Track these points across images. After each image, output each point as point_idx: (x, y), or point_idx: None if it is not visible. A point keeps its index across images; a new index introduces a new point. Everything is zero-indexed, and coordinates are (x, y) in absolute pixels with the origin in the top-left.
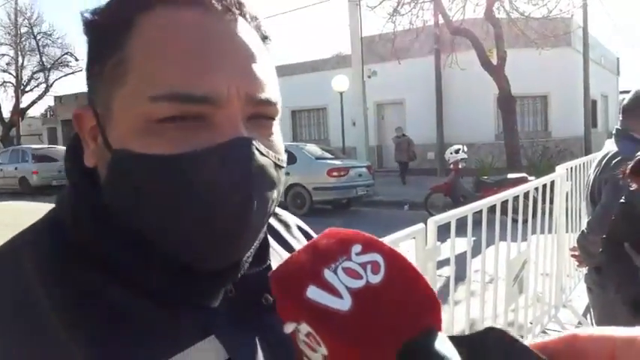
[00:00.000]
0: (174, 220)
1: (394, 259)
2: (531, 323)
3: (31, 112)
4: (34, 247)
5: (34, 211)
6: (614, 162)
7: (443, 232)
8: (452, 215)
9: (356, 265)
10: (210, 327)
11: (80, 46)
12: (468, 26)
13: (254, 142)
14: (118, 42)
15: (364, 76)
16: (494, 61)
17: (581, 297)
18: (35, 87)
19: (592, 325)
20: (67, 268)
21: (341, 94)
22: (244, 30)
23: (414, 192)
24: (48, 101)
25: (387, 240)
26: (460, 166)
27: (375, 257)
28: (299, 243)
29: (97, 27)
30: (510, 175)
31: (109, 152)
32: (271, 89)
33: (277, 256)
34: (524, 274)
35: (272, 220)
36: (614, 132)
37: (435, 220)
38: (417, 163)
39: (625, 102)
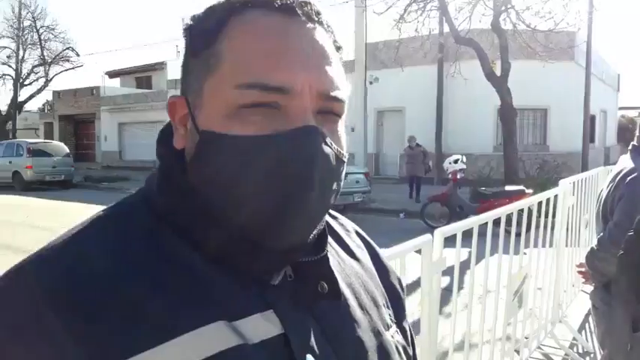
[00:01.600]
0: (249, 193)
1: None
2: (527, 338)
3: (28, 107)
4: (129, 216)
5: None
6: (629, 179)
7: (446, 242)
8: (458, 227)
9: None
10: (272, 302)
11: (81, 41)
12: (473, 36)
13: (321, 132)
14: (211, 39)
15: (366, 82)
16: (498, 72)
17: (577, 312)
18: (34, 81)
19: (591, 342)
20: (156, 235)
21: None
22: (321, 36)
23: (411, 200)
24: (46, 95)
25: (394, 251)
26: (459, 176)
27: None
28: (358, 247)
29: (193, 29)
30: (508, 188)
31: (197, 133)
32: (340, 89)
33: (336, 255)
34: (524, 289)
35: (332, 222)
36: (630, 148)
37: (442, 232)
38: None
39: None
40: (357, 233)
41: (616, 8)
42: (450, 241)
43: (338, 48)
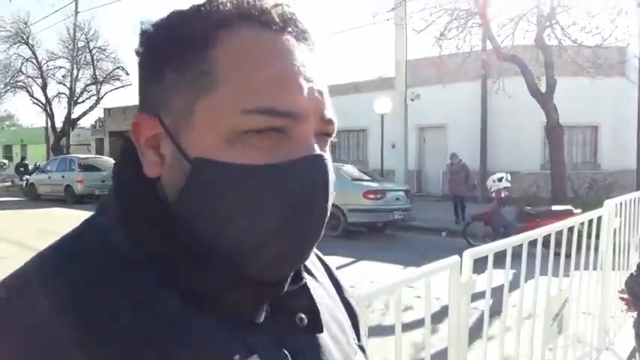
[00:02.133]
0: (258, 226)
1: None
2: None
3: (81, 123)
4: (85, 261)
5: (77, 218)
6: None
7: (481, 263)
8: (490, 249)
9: None
10: (255, 346)
11: (131, 61)
12: (517, 52)
13: (327, 160)
14: (200, 55)
15: (407, 99)
16: (543, 88)
17: (625, 340)
18: (87, 99)
19: None
20: (125, 282)
21: (382, 116)
22: (312, 56)
23: (454, 219)
24: (98, 113)
25: (420, 272)
26: (502, 195)
27: None
28: (318, 270)
29: (167, 38)
30: (555, 207)
31: (186, 160)
32: (332, 110)
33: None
34: (564, 313)
35: None
36: None
37: (472, 254)
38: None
39: None
40: (315, 255)
41: None
42: (495, 263)
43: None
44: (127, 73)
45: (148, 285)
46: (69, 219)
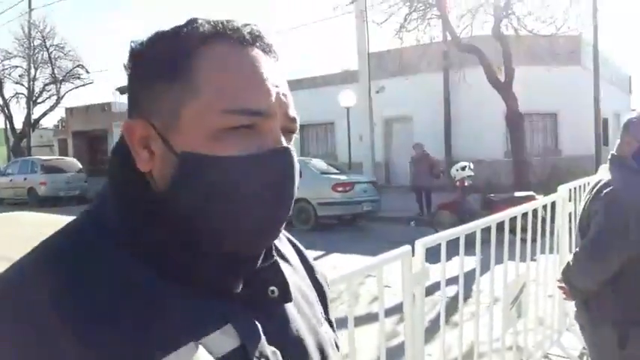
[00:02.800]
0: (239, 208)
1: None
2: (533, 347)
3: (42, 124)
4: (82, 245)
5: (39, 222)
6: (604, 192)
7: (451, 249)
8: (442, 237)
9: None
10: (229, 315)
11: (90, 59)
12: (476, 43)
13: (292, 151)
14: (185, 67)
15: (371, 91)
16: (503, 78)
17: None
18: (47, 99)
19: None
20: (116, 262)
21: (348, 109)
22: (277, 66)
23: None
24: (59, 113)
25: (372, 262)
26: (466, 184)
27: None
28: (289, 252)
29: (158, 56)
30: (518, 194)
31: (174, 155)
32: (295, 111)
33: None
34: (523, 298)
35: None
36: (609, 157)
37: (424, 243)
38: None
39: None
40: (288, 239)
41: (625, 10)
42: (442, 253)
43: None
44: (87, 72)
45: (134, 266)
46: (29, 223)
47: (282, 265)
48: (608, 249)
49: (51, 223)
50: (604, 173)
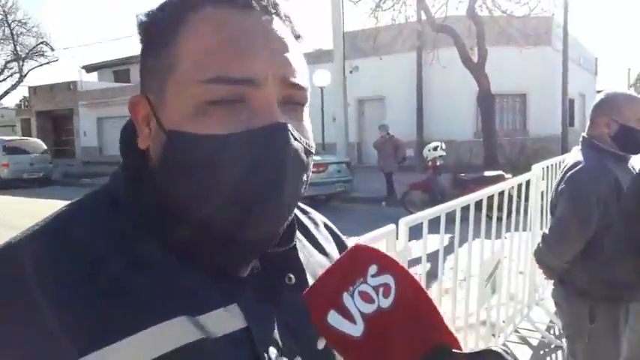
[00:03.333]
0: (223, 191)
1: (404, 281)
2: (504, 322)
3: (4, 103)
4: (93, 212)
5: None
6: (570, 173)
7: (416, 231)
8: (424, 216)
9: (370, 288)
10: (236, 296)
11: (56, 35)
12: (450, 23)
13: (289, 128)
14: (170, 37)
15: (346, 71)
16: (476, 58)
17: None
18: (9, 77)
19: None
20: (122, 233)
21: (321, 89)
22: (279, 26)
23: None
24: (22, 92)
25: (355, 241)
26: (438, 164)
27: (388, 280)
28: (326, 240)
29: (151, 27)
30: (487, 173)
31: (164, 133)
32: (302, 76)
33: (303, 249)
34: (497, 274)
35: (302, 216)
36: (580, 139)
37: (407, 222)
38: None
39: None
40: (326, 225)
41: None
42: (424, 231)
43: (297, 37)
44: (52, 49)
45: (141, 240)
46: None
47: (312, 251)
48: (571, 229)
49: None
50: (576, 154)
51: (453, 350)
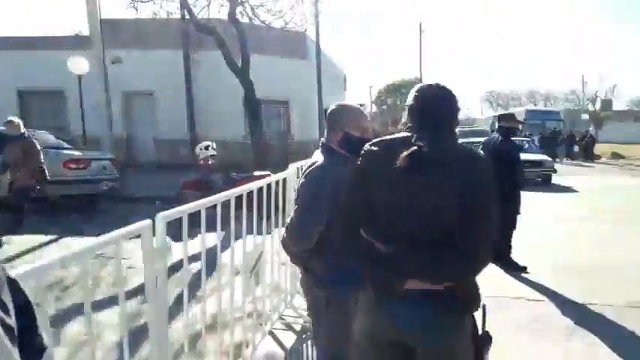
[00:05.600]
0: None
1: None
2: (270, 311)
3: None
4: None
5: None
6: (310, 169)
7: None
8: (182, 211)
9: None
10: None
11: None
12: (214, 25)
13: None
14: None
15: (106, 60)
16: (239, 63)
17: None
18: None
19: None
20: None
21: (79, 77)
22: None
23: (168, 187)
24: None
25: (107, 238)
26: (210, 162)
27: None
28: None
29: None
30: (256, 173)
31: None
32: None
33: None
34: (260, 266)
35: None
36: (320, 143)
37: (164, 216)
38: (170, 158)
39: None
40: None
41: (341, 19)
42: (183, 227)
43: None
44: None
45: None
46: None
47: None
48: (307, 218)
49: None
50: (317, 156)
51: None
